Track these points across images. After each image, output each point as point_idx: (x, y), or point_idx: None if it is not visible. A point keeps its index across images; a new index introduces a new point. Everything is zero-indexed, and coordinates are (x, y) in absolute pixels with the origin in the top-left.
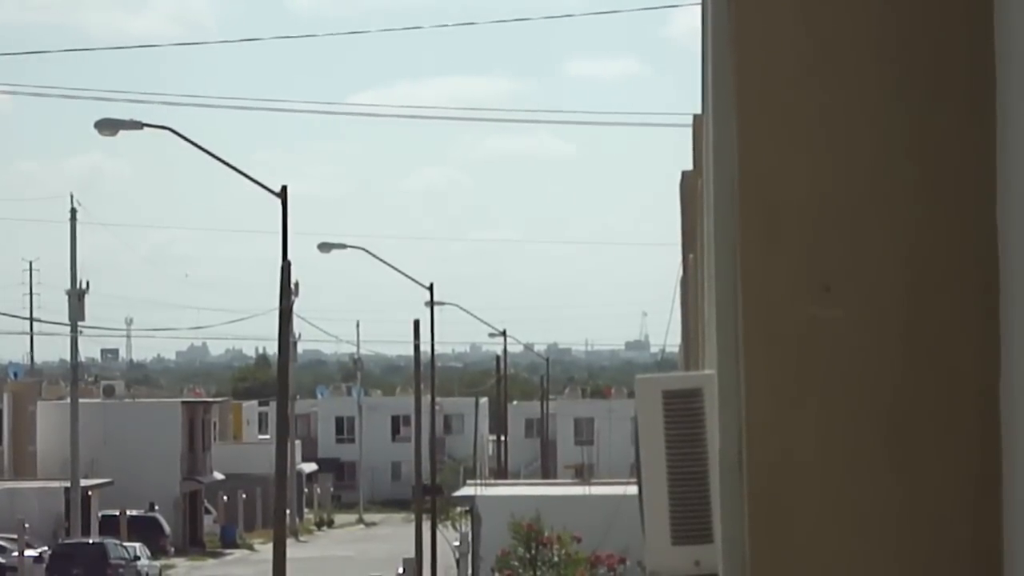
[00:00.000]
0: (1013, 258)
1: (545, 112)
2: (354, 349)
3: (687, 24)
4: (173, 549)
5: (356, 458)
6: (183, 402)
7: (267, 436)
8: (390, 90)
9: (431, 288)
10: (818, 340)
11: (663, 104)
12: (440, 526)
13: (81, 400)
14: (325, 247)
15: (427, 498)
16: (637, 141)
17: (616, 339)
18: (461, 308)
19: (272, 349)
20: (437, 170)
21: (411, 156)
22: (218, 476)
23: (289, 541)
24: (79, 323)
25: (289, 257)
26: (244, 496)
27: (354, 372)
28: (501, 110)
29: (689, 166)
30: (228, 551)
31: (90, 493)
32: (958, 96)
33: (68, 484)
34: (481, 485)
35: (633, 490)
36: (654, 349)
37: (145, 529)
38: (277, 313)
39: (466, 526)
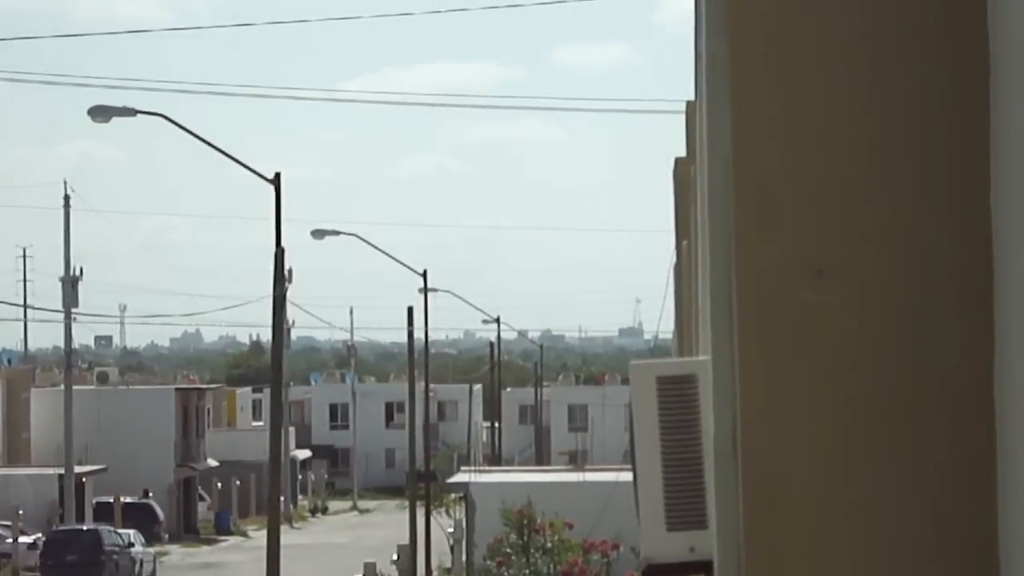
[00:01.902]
0: (1007, 244)
1: (536, 99)
2: (348, 336)
3: (676, 10)
4: (167, 536)
5: (350, 445)
6: (177, 389)
7: (261, 423)
8: (379, 76)
9: (424, 275)
10: (812, 326)
11: (653, 91)
12: (434, 513)
13: (75, 387)
14: (318, 234)
15: (421, 485)
16: (628, 128)
17: (610, 326)
18: (455, 295)
19: (266, 336)
20: (428, 156)
21: (402, 142)
22: (212, 463)
23: (283, 528)
24: (73, 310)
25: (283, 244)
26: (238, 483)
27: (348, 359)
28: (492, 96)
29: (681, 153)
30: (222, 538)
31: (84, 480)
32: (953, 82)
33: (62, 471)
34: (475, 472)
35: (627, 476)
36: (648, 336)
37: (139, 516)
38: (271, 300)
39: (460, 512)
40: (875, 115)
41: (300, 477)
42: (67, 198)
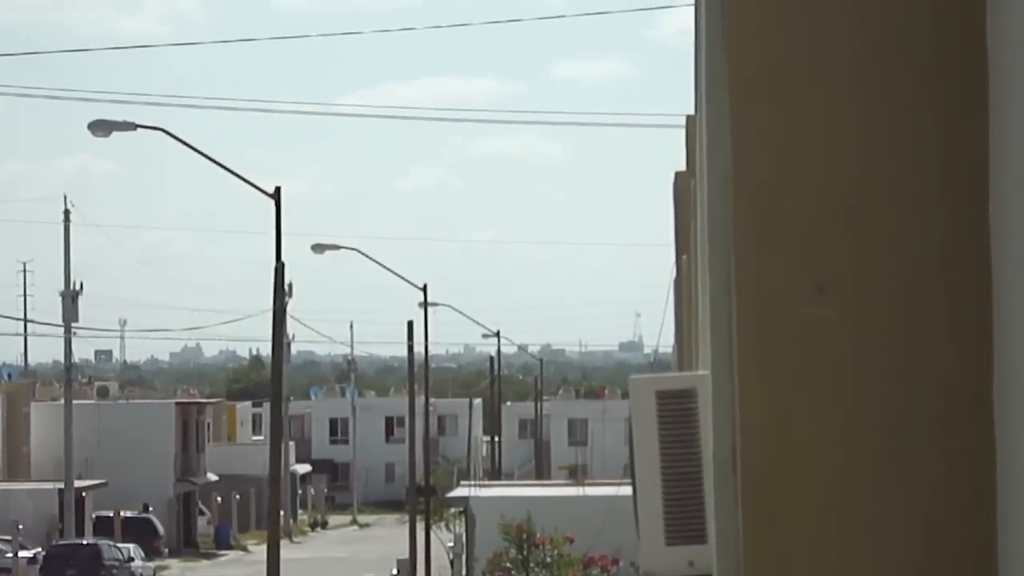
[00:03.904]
0: (1006, 258)
1: (536, 113)
2: (348, 350)
3: (674, 25)
4: (167, 550)
5: (350, 459)
6: (177, 403)
7: (261, 437)
8: (378, 90)
9: (424, 289)
10: (812, 340)
11: (652, 105)
12: (434, 527)
13: (75, 401)
14: (319, 248)
15: (421, 499)
16: (626, 142)
17: (610, 340)
18: (455, 309)
19: (266, 350)
20: (428, 171)
21: (401, 157)
22: (212, 477)
23: (283, 542)
24: (73, 324)
25: (283, 258)
26: (238, 497)
27: (348, 373)
28: (492, 111)
29: (680, 167)
30: (222, 552)
31: (84, 494)
32: (951, 96)
33: (62, 485)
34: (475, 486)
35: (627, 491)
36: (648, 350)
37: (139, 530)
38: (271, 314)
39: (460, 527)
40: (874, 130)
41: (300, 491)
42: (67, 212)
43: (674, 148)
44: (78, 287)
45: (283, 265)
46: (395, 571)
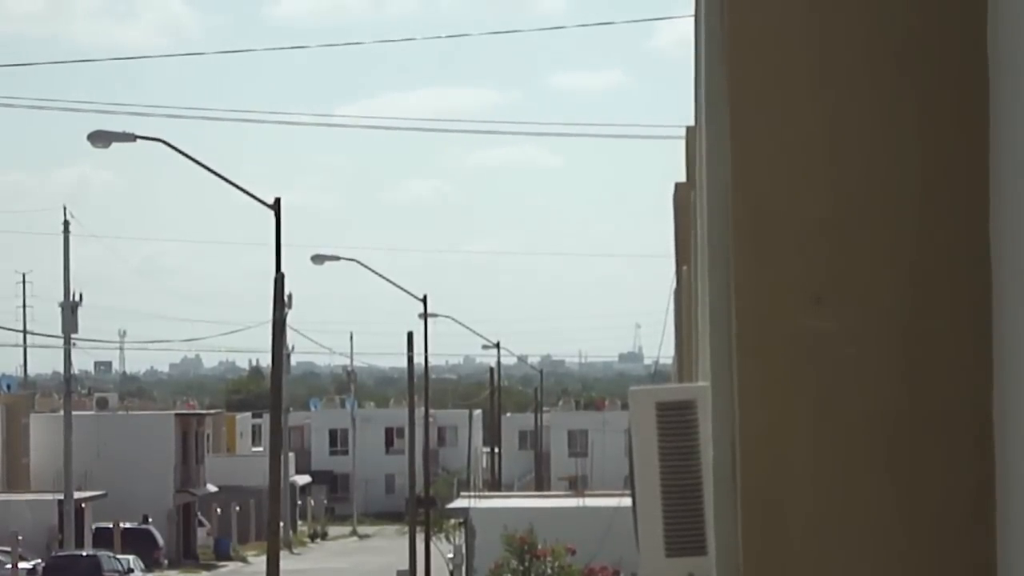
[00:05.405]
0: (1005, 268)
1: (534, 124)
2: (348, 361)
3: (673, 35)
4: (167, 561)
5: (350, 470)
6: (176, 414)
7: (260, 448)
8: (377, 101)
9: (424, 300)
10: (811, 351)
11: (650, 116)
12: (434, 538)
13: (74, 412)
14: (318, 259)
15: (421, 510)
16: (625, 153)
17: (610, 351)
18: (455, 320)
19: (265, 361)
20: (427, 182)
21: (401, 167)
22: (212, 488)
23: (283, 553)
24: (72, 335)
25: (282, 269)
26: (238, 508)
27: (348, 384)
28: (490, 122)
29: (681, 178)
30: (222, 563)
31: (83, 505)
32: (950, 109)
33: (61, 496)
34: (475, 497)
35: (627, 502)
36: (648, 361)
37: (138, 541)
38: (271, 325)
39: (460, 538)
40: (873, 142)
41: (300, 502)
42: (66, 224)
43: (674, 159)
44: (77, 298)
45: (283, 276)
46: None
